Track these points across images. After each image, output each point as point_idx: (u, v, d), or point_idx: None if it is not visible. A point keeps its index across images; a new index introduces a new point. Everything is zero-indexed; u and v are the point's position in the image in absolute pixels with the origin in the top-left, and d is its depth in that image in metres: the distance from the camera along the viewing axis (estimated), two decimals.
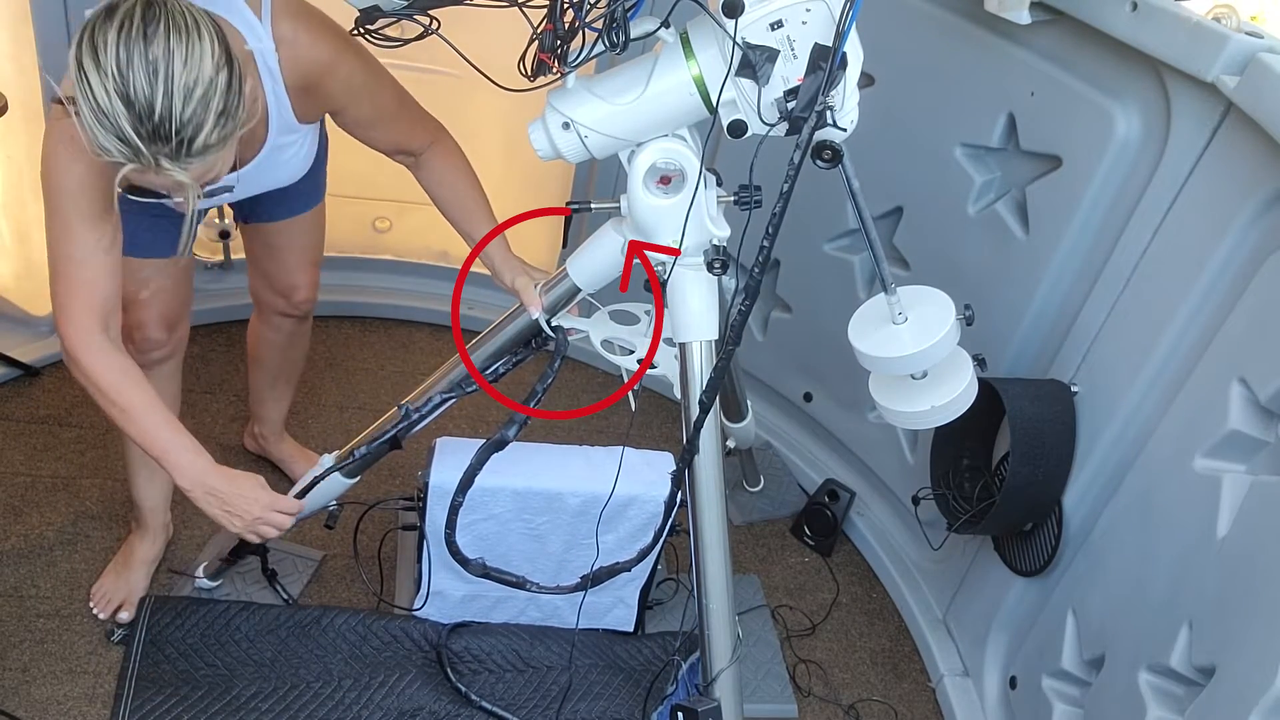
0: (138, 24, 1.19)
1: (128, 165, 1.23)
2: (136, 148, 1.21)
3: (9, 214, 2.38)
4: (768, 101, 1.27)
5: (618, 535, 1.94)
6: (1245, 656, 1.35)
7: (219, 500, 1.54)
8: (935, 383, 1.55)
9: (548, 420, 2.64)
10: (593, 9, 1.22)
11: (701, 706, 1.58)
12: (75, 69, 1.20)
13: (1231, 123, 1.54)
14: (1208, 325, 1.58)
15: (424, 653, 1.97)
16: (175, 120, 1.21)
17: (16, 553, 2.03)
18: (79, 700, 1.81)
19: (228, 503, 1.54)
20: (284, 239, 1.93)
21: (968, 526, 1.95)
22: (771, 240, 1.26)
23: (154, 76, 1.19)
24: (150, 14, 1.20)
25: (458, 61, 1.35)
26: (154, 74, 1.19)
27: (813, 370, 2.51)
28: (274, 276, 1.98)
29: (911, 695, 2.16)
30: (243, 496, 1.54)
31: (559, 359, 1.60)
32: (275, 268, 1.97)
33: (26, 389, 2.39)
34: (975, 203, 2.02)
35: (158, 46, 1.19)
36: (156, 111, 1.20)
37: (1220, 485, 1.49)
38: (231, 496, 1.54)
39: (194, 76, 1.21)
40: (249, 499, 1.55)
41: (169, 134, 1.21)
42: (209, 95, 1.22)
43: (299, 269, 1.98)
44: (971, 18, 1.92)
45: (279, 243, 1.94)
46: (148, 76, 1.19)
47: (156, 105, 1.20)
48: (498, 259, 1.66)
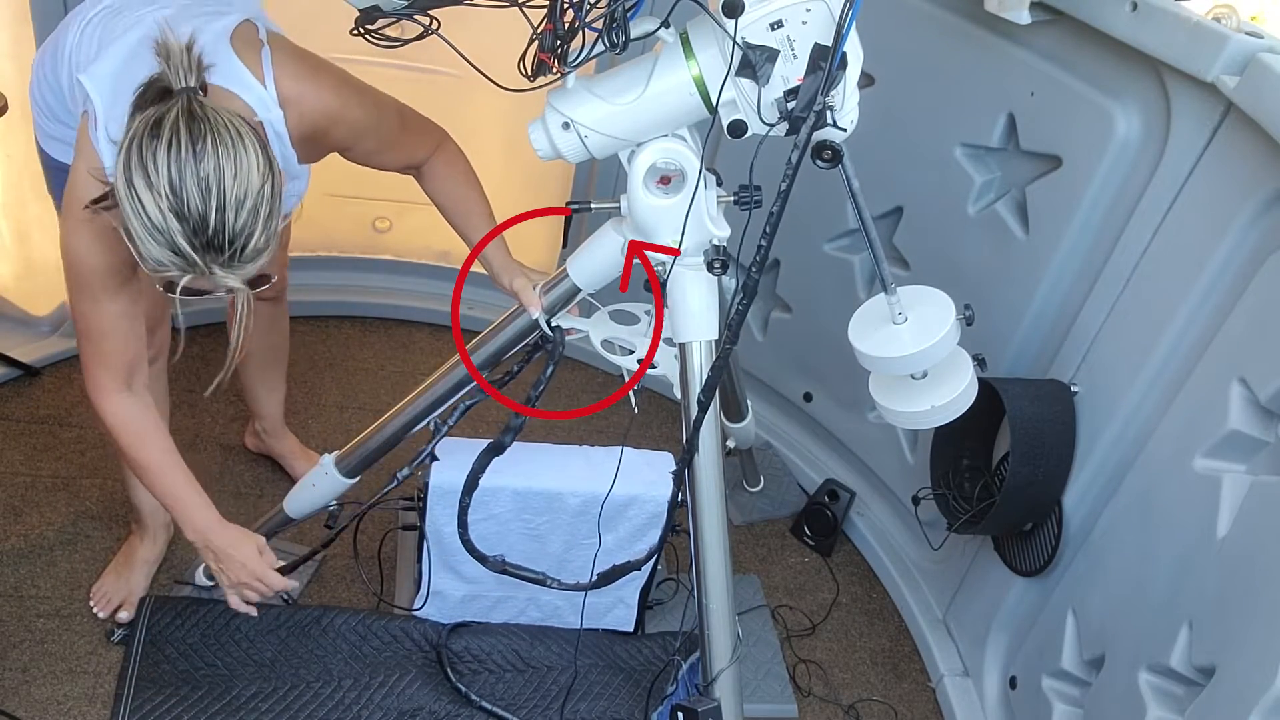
0: (185, 141, 1.21)
1: (184, 277, 1.26)
2: (192, 260, 1.24)
3: (9, 214, 2.38)
4: (768, 101, 1.28)
5: (618, 535, 1.94)
6: (1245, 656, 1.35)
7: (214, 556, 1.61)
8: (935, 383, 1.55)
9: (547, 420, 2.64)
10: (593, 9, 1.21)
11: (702, 706, 1.58)
12: (124, 185, 1.22)
13: (1231, 123, 1.54)
14: (1208, 325, 1.58)
15: (424, 653, 1.97)
16: (228, 231, 1.24)
17: (16, 553, 2.03)
18: (79, 700, 1.81)
19: (220, 560, 1.60)
20: None
21: (968, 526, 1.95)
22: (770, 240, 1.26)
23: (207, 193, 1.21)
24: (197, 130, 1.22)
25: (458, 61, 1.35)
26: (206, 191, 1.21)
27: (813, 370, 2.51)
28: None
29: (911, 695, 2.16)
30: (233, 559, 1.60)
31: (554, 363, 1.61)
32: None
33: (26, 389, 2.39)
34: (975, 203, 2.02)
35: (208, 163, 1.21)
36: (210, 225, 1.23)
37: (1220, 485, 1.49)
38: (225, 556, 1.60)
39: (244, 189, 1.23)
40: (237, 563, 1.60)
41: (222, 245, 1.24)
42: (258, 205, 1.25)
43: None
44: (971, 18, 1.92)
45: None
46: (201, 194, 1.21)
47: (210, 220, 1.22)
48: (496, 262, 1.67)
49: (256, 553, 1.61)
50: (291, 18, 2.41)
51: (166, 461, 1.57)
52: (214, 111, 1.25)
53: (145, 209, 1.22)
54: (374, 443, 1.80)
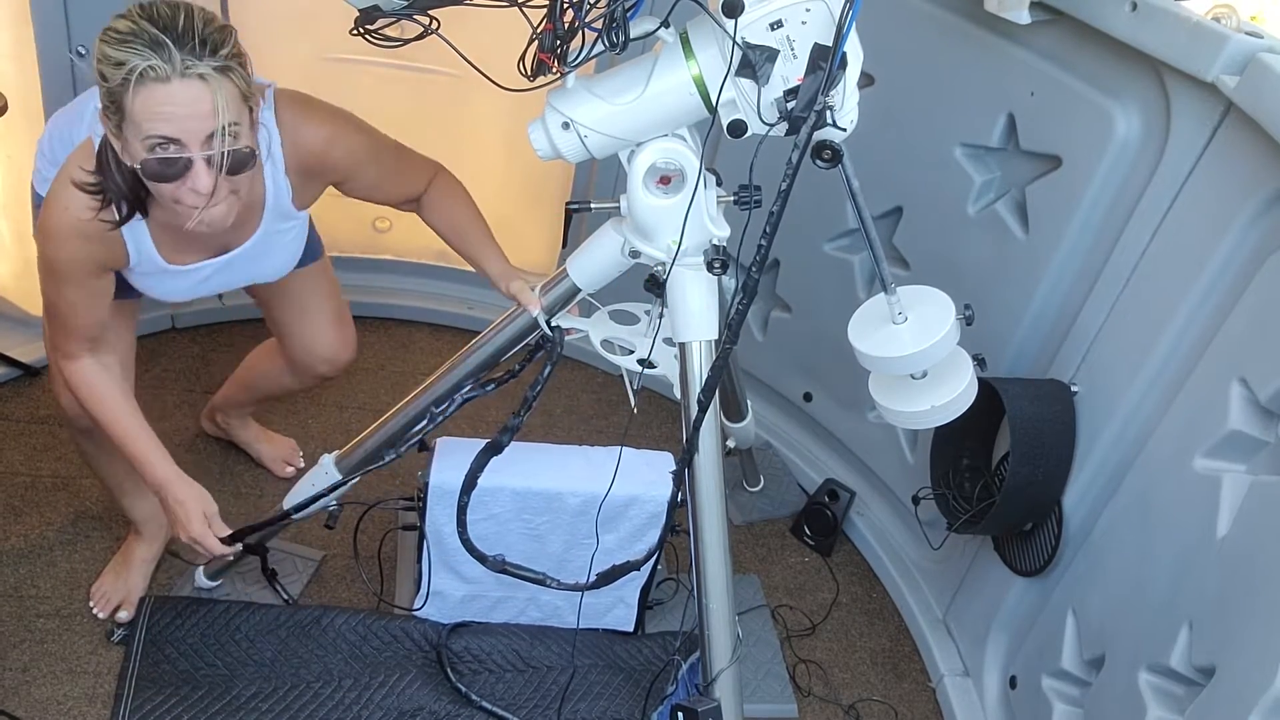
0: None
1: (149, 74, 1.28)
2: (165, 46, 1.29)
3: (9, 214, 2.38)
4: (767, 101, 1.28)
5: (618, 535, 1.94)
6: (1245, 656, 1.35)
7: (167, 509, 1.68)
8: (935, 383, 1.54)
9: (547, 420, 2.64)
10: (592, 9, 1.22)
11: (701, 706, 1.58)
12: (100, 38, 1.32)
13: (1231, 123, 1.54)
14: (1208, 325, 1.58)
15: (424, 653, 1.97)
16: (197, 31, 1.31)
17: (16, 552, 2.03)
18: (79, 700, 1.81)
19: (170, 514, 1.68)
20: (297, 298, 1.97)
21: (968, 526, 1.95)
22: (769, 240, 1.26)
23: (175, 9, 1.32)
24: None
25: (457, 61, 1.35)
26: (175, 8, 1.32)
27: (813, 370, 2.51)
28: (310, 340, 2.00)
29: (911, 695, 2.16)
30: (178, 517, 1.67)
31: (552, 364, 1.61)
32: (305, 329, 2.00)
33: (26, 389, 2.39)
34: (975, 203, 2.02)
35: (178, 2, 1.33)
36: (180, 23, 1.31)
37: (1220, 485, 1.49)
38: (174, 511, 1.67)
39: (212, 15, 1.34)
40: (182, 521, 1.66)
41: (192, 38, 1.30)
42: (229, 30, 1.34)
43: (330, 326, 2.00)
44: (971, 18, 1.92)
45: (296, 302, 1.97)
46: (170, 8, 1.32)
47: (180, 20, 1.31)
48: (495, 270, 1.70)
49: (202, 516, 1.67)
50: (292, 18, 2.42)
51: (127, 417, 1.65)
52: None
53: (117, 29, 1.31)
54: (374, 442, 1.80)
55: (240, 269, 1.73)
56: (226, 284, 1.76)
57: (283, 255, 1.77)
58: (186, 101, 1.31)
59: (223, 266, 1.69)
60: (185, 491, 1.66)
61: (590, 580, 1.86)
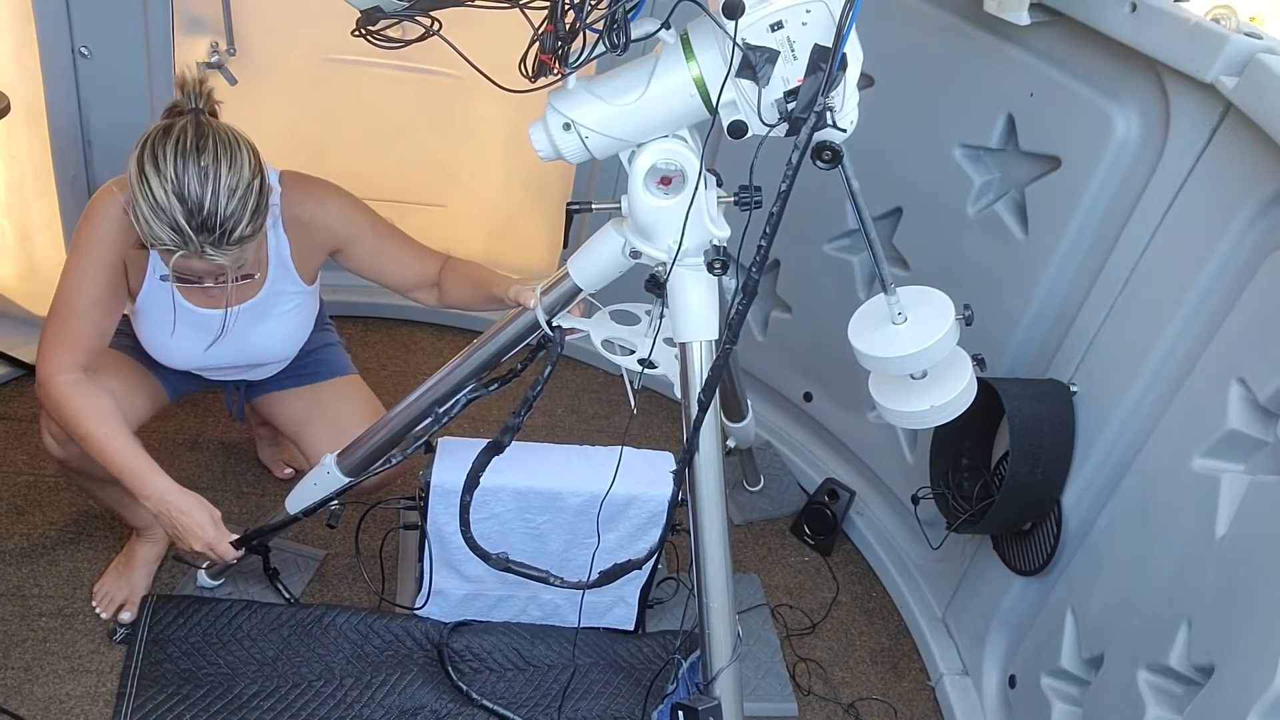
0: (191, 140, 1.46)
1: (177, 253, 1.47)
2: (187, 236, 1.46)
3: (11, 214, 2.38)
4: (768, 102, 1.28)
5: (619, 534, 1.95)
6: (1244, 656, 1.35)
7: (171, 522, 1.66)
8: (935, 383, 1.55)
9: (549, 420, 2.64)
10: (594, 10, 1.22)
11: (702, 705, 1.58)
12: (136, 173, 1.46)
13: (1230, 123, 1.54)
14: (1206, 325, 1.58)
15: (425, 651, 1.98)
16: (220, 214, 1.46)
17: (19, 552, 2.04)
18: (81, 699, 1.81)
19: (177, 525, 1.66)
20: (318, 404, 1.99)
21: (967, 526, 1.96)
22: (770, 240, 1.27)
23: (204, 180, 1.45)
24: (200, 133, 1.48)
25: (459, 62, 1.35)
26: (204, 178, 1.45)
27: (813, 370, 2.52)
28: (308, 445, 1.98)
29: (911, 694, 2.17)
30: (189, 526, 1.66)
31: (551, 365, 1.61)
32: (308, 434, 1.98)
33: (28, 389, 2.39)
34: (974, 203, 2.03)
35: (207, 157, 1.46)
36: (205, 207, 1.45)
37: (1219, 485, 1.49)
38: (181, 522, 1.66)
39: (236, 180, 1.47)
40: (194, 530, 1.66)
41: (214, 226, 1.46)
42: (247, 196, 1.49)
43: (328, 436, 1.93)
44: (971, 18, 1.92)
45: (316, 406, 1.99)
46: (199, 180, 1.45)
47: (206, 203, 1.45)
48: (495, 284, 1.72)
49: (211, 521, 1.67)
50: (293, 18, 2.43)
51: (116, 432, 1.63)
52: (217, 124, 1.51)
53: (152, 190, 1.44)
54: (375, 442, 1.80)
55: (241, 334, 1.77)
56: (224, 358, 1.81)
57: (285, 325, 1.83)
58: (204, 269, 1.53)
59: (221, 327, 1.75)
60: (187, 502, 1.65)
61: (593, 579, 1.86)
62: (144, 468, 1.64)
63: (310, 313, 1.89)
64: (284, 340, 1.86)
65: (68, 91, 2.18)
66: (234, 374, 1.94)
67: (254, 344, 1.82)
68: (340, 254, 1.82)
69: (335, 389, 2.01)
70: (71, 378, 1.63)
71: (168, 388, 1.92)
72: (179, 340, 1.76)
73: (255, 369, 1.94)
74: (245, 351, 1.83)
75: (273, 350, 1.87)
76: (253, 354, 1.85)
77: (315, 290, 1.88)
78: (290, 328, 1.85)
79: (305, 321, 1.87)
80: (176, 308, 1.72)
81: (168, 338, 1.76)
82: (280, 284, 1.78)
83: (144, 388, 1.87)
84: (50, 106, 2.19)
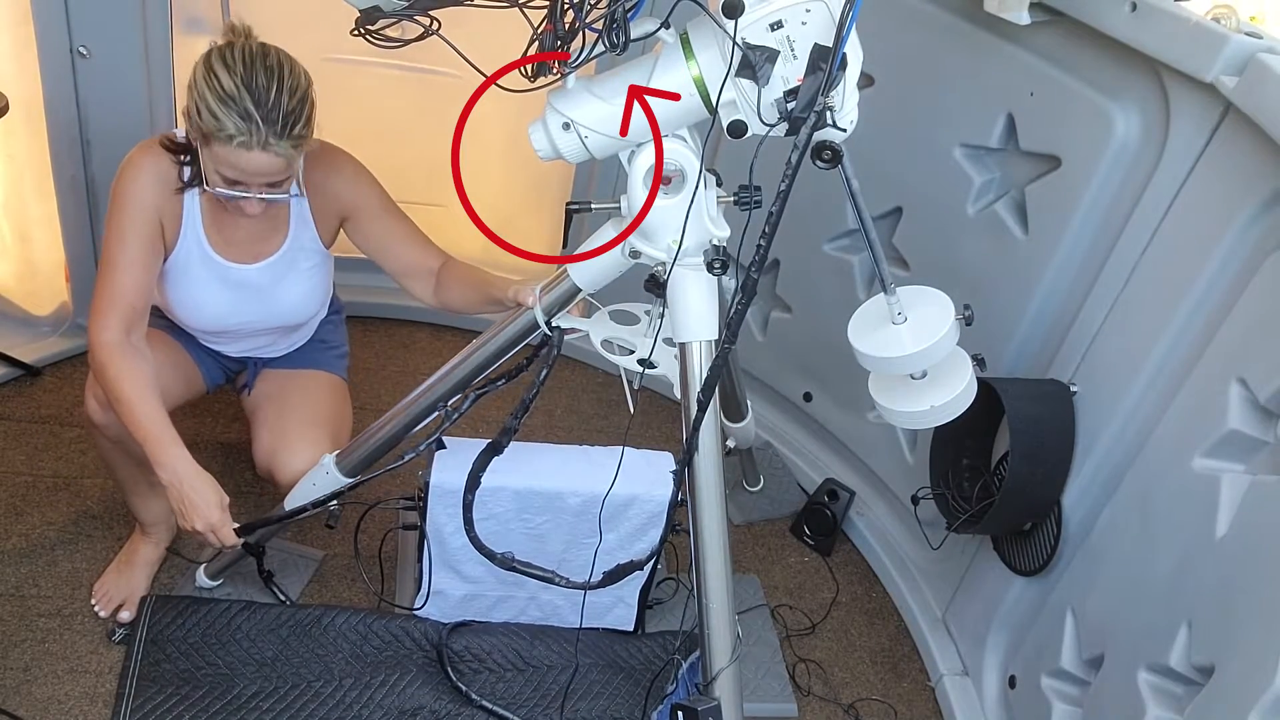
0: (256, 48, 1.61)
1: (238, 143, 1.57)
2: (255, 123, 1.56)
3: (10, 214, 2.38)
4: (768, 102, 1.28)
5: (619, 534, 1.94)
6: (1244, 656, 1.35)
7: (180, 498, 1.66)
8: (935, 383, 1.55)
9: (548, 420, 2.64)
10: (593, 10, 1.22)
11: (701, 705, 1.58)
12: (204, 72, 1.58)
13: (1230, 123, 1.54)
14: (1207, 325, 1.58)
15: (425, 652, 1.97)
16: (283, 107, 1.58)
17: (18, 552, 2.04)
18: (80, 699, 1.81)
19: (184, 503, 1.66)
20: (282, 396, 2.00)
21: (967, 526, 1.95)
22: (769, 240, 1.27)
23: (270, 77, 1.58)
24: (262, 46, 1.63)
25: (458, 62, 1.35)
26: (270, 75, 1.58)
27: (813, 370, 2.52)
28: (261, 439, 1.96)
29: (911, 694, 2.16)
30: (196, 505, 1.66)
31: (549, 365, 1.61)
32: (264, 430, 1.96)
33: (28, 389, 2.39)
34: (975, 203, 2.03)
35: (272, 59, 1.60)
36: (271, 99, 1.57)
37: (1219, 485, 1.49)
38: (189, 500, 1.66)
39: (297, 83, 1.61)
40: (200, 510, 1.66)
41: (278, 118, 1.58)
42: (305, 100, 1.62)
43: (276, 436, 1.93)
44: (971, 18, 1.92)
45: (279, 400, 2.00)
46: (266, 76, 1.58)
47: (272, 95, 1.57)
48: (494, 286, 1.74)
49: (218, 504, 1.68)
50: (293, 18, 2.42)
51: (149, 399, 1.66)
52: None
53: (221, 84, 1.56)
54: (374, 442, 1.80)
55: (266, 291, 1.85)
56: (249, 315, 1.88)
57: (306, 284, 1.90)
58: (258, 167, 1.61)
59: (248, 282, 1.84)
60: (200, 479, 1.67)
61: (595, 579, 1.86)
62: (168, 437, 1.65)
63: (326, 277, 1.97)
64: (305, 298, 1.93)
65: (66, 91, 2.18)
66: (257, 345, 2.01)
67: (278, 300, 1.89)
68: (348, 223, 1.89)
69: (313, 381, 2.04)
70: (117, 339, 1.67)
71: (205, 374, 2.00)
72: (209, 293, 1.84)
73: (276, 340, 2.02)
74: (269, 308, 1.90)
75: (295, 309, 1.93)
76: (276, 312, 1.91)
77: (330, 259, 1.95)
78: (310, 287, 1.92)
79: (323, 283, 1.96)
80: (207, 261, 1.80)
81: (199, 291, 1.83)
82: (300, 239, 1.86)
83: (183, 369, 1.95)
84: (49, 106, 2.19)
